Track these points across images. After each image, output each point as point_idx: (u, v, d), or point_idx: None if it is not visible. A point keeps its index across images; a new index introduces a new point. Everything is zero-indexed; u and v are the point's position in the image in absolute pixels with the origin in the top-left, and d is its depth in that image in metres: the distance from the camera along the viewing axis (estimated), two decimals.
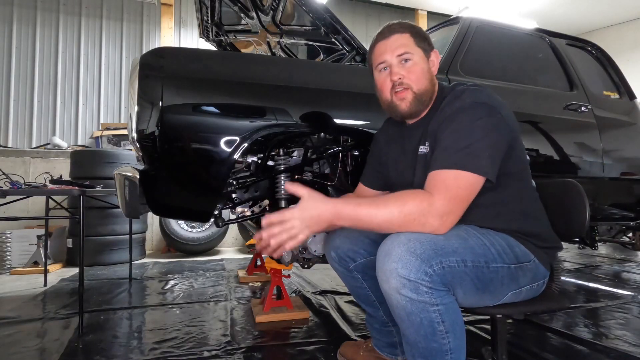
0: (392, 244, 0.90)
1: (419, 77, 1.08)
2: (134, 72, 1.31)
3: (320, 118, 1.46)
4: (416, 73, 1.08)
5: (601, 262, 3.67)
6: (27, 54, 4.53)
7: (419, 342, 0.91)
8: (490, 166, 0.96)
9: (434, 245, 0.89)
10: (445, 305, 0.89)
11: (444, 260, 0.88)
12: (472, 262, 0.92)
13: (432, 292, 0.87)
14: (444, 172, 0.96)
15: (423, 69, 1.09)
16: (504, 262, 0.97)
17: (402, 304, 0.88)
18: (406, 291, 0.87)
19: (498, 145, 0.99)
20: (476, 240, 0.96)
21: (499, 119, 1.00)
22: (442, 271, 0.88)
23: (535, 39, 2.40)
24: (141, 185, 1.30)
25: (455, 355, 0.92)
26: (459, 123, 1.00)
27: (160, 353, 1.57)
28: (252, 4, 1.91)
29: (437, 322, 0.89)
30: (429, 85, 1.10)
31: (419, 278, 0.86)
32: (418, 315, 0.88)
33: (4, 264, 3.34)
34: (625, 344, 1.65)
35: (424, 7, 6.13)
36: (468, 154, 0.95)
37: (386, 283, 0.89)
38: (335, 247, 1.26)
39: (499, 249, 0.98)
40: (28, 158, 4.08)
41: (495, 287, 0.97)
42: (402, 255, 0.87)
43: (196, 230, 4.04)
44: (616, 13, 6.19)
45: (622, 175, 2.33)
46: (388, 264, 0.88)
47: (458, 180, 0.94)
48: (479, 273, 0.93)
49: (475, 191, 0.96)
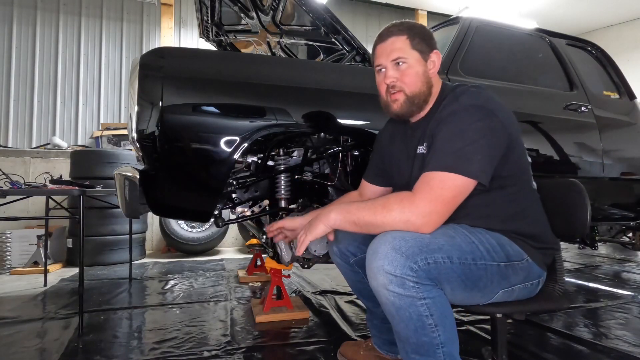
0: (379, 243, 0.93)
1: (412, 81, 1.10)
2: (134, 72, 1.31)
3: (320, 118, 1.46)
4: (410, 76, 1.09)
5: (601, 262, 3.67)
6: (27, 54, 4.53)
7: (410, 337, 0.93)
8: (480, 170, 0.97)
9: (419, 242, 0.92)
10: (432, 298, 0.91)
11: (429, 257, 0.91)
12: (458, 259, 0.94)
13: (418, 287, 0.90)
14: (432, 174, 0.98)
15: (417, 72, 1.10)
16: (492, 259, 0.99)
17: (390, 300, 0.91)
18: (393, 287, 0.90)
19: (492, 149, 0.99)
20: (464, 238, 0.98)
21: (495, 122, 1.00)
22: (427, 267, 0.90)
23: (535, 39, 2.40)
24: (141, 185, 1.30)
25: (447, 348, 0.93)
26: (453, 125, 1.01)
27: (160, 353, 1.57)
28: (252, 4, 1.91)
29: (425, 316, 0.91)
30: (423, 88, 1.11)
31: (404, 273, 0.89)
32: (407, 310, 0.90)
33: (4, 264, 3.34)
34: (625, 344, 1.65)
35: (424, 7, 6.13)
36: (459, 157, 0.97)
37: (374, 280, 0.93)
38: (337, 242, 1.29)
39: (487, 247, 0.99)
40: (28, 158, 4.08)
41: (485, 284, 0.99)
42: (388, 253, 0.90)
43: (196, 230, 4.04)
44: (616, 13, 6.19)
45: (622, 175, 2.33)
46: (375, 262, 0.92)
47: (444, 182, 0.96)
48: (466, 270, 0.95)
49: (463, 193, 0.98)
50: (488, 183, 0.99)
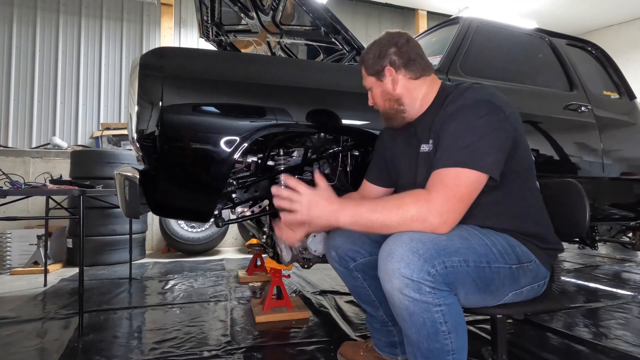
0: (395, 244, 0.90)
1: (379, 101, 1.21)
2: (134, 72, 1.31)
3: (321, 118, 1.46)
4: (377, 98, 1.21)
5: (601, 262, 3.66)
6: (27, 54, 4.53)
7: (422, 343, 0.91)
8: (492, 164, 0.96)
9: (437, 245, 0.89)
10: (448, 305, 0.89)
11: (446, 260, 0.88)
12: (474, 262, 0.92)
13: (435, 293, 0.87)
14: (445, 171, 0.96)
15: (381, 92, 1.19)
16: (505, 262, 0.97)
17: (404, 304, 0.88)
18: (409, 291, 0.86)
19: (501, 143, 0.98)
20: (478, 240, 0.96)
21: (503, 117, 1.00)
22: (445, 271, 0.88)
23: (535, 39, 2.40)
24: (141, 185, 1.30)
25: (458, 355, 0.92)
26: (461, 121, 1.00)
27: (160, 353, 1.57)
28: (252, 4, 1.91)
29: (439, 323, 0.88)
30: (388, 104, 1.19)
31: (421, 278, 0.86)
32: (421, 316, 0.88)
33: (4, 264, 3.34)
34: (625, 344, 1.65)
35: (424, 7, 6.13)
36: (470, 152, 0.95)
37: (389, 283, 0.89)
38: (336, 247, 1.26)
39: (500, 249, 0.98)
40: (28, 158, 4.08)
41: (497, 287, 0.97)
42: (405, 255, 0.87)
43: (196, 230, 4.04)
44: (616, 13, 6.19)
45: (622, 175, 2.33)
46: (391, 264, 0.88)
47: (458, 179, 0.94)
48: (480, 273, 0.93)
49: (477, 189, 0.96)
50: (499, 178, 0.98)
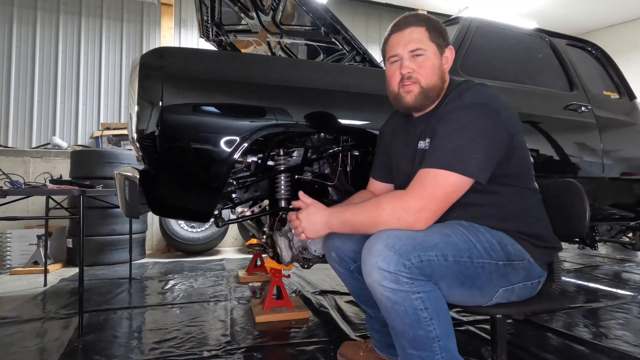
0: (374, 241, 0.95)
1: (428, 73, 1.08)
2: (134, 72, 1.31)
3: (321, 118, 1.46)
4: (426, 68, 1.08)
5: (601, 262, 3.67)
6: (27, 54, 4.53)
7: (406, 332, 0.94)
8: (477, 168, 0.97)
9: (413, 240, 0.92)
10: (427, 292, 0.92)
11: (422, 255, 0.91)
12: (453, 257, 0.94)
13: (412, 282, 0.91)
14: (426, 171, 0.99)
15: (434, 64, 1.09)
16: (490, 258, 0.98)
17: (385, 295, 0.92)
18: (387, 282, 0.91)
19: (491, 148, 0.99)
20: (461, 237, 0.98)
21: (497, 121, 1.00)
22: (421, 264, 0.91)
23: (535, 39, 2.40)
24: (141, 185, 1.30)
25: (444, 342, 0.94)
26: (453, 122, 1.01)
27: (160, 353, 1.57)
28: (252, 4, 1.91)
29: (420, 309, 0.92)
30: (437, 82, 1.10)
31: (398, 270, 0.90)
32: (401, 304, 0.91)
33: (4, 264, 3.34)
34: (625, 344, 1.65)
35: (424, 7, 6.12)
36: (455, 155, 0.97)
37: (369, 277, 0.94)
38: (336, 248, 1.26)
39: (485, 246, 0.99)
40: (28, 158, 4.08)
41: (483, 282, 0.99)
42: (382, 251, 0.91)
43: (196, 230, 4.04)
44: (616, 13, 6.19)
45: (622, 175, 2.33)
46: (369, 259, 0.93)
47: (436, 180, 0.97)
48: (462, 268, 0.95)
49: (456, 191, 0.98)
50: (486, 182, 0.99)
